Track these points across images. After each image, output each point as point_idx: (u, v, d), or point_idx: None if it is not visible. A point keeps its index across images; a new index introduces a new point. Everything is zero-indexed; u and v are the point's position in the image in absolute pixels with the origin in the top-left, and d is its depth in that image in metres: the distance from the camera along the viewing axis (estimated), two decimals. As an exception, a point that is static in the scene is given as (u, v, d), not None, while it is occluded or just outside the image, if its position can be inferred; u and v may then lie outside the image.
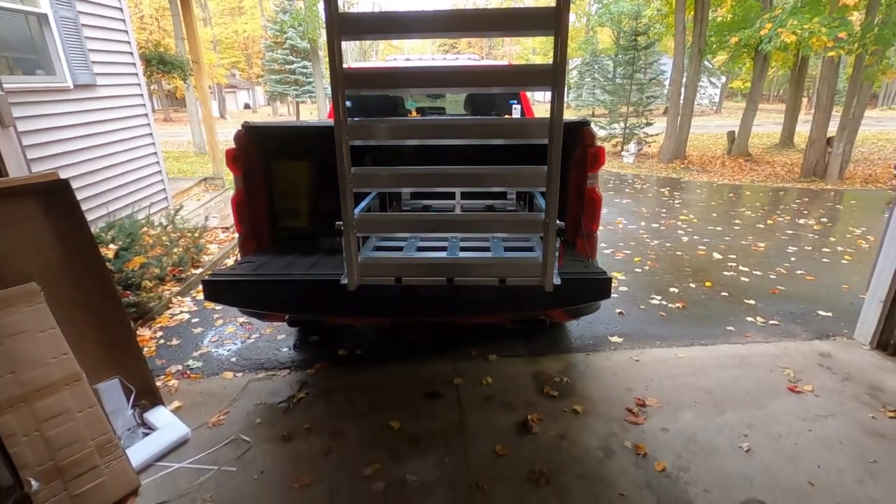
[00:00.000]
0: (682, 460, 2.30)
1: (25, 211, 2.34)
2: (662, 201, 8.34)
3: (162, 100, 30.80)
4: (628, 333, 3.51)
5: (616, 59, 16.10)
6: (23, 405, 2.04)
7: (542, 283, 1.73)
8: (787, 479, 2.18)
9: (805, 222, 6.70)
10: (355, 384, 2.94)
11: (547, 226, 1.63)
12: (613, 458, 2.33)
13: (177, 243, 4.70)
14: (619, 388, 2.87)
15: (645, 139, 14.34)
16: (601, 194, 2.54)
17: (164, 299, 3.99)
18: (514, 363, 3.14)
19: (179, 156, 14.08)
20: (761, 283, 4.43)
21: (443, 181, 1.69)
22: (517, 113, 4.31)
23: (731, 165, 12.50)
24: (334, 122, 1.57)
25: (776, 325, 3.61)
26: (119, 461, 2.18)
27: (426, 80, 1.50)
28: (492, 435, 2.50)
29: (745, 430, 2.48)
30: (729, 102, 36.56)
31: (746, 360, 3.11)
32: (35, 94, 4.38)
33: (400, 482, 2.21)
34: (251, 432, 2.53)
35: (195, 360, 3.23)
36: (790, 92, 16.10)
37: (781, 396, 2.75)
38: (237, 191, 2.65)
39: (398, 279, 1.81)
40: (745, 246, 5.58)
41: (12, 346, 2.10)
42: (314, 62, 22.19)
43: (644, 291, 4.25)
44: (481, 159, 2.43)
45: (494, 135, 1.59)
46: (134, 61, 5.89)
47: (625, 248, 5.55)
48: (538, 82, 1.52)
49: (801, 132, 15.56)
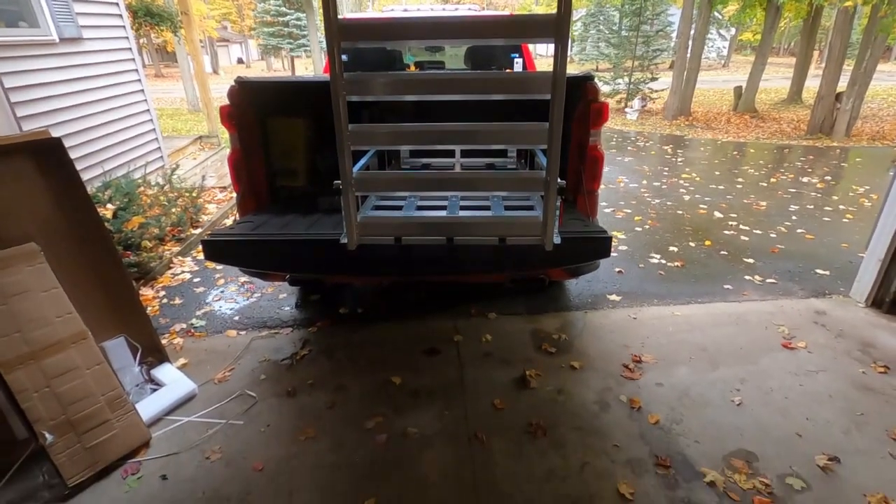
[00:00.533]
0: (675, 413, 2.37)
1: (19, 170, 2.31)
2: (665, 159, 8.22)
3: (152, 55, 29.77)
4: (627, 292, 3.54)
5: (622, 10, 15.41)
6: (31, 362, 2.09)
7: (542, 242, 1.73)
8: (775, 431, 2.25)
9: (808, 180, 6.63)
10: (357, 341, 3.00)
11: (548, 184, 1.60)
12: (609, 412, 2.40)
13: (175, 203, 4.67)
14: (616, 344, 2.92)
15: (649, 95, 13.97)
16: (603, 152, 2.49)
17: (165, 259, 4.00)
18: (512, 321, 3.19)
19: (173, 113, 13.75)
20: (761, 242, 4.43)
21: (442, 138, 1.66)
22: (519, 66, 4.17)
23: (737, 122, 12.24)
24: (329, 76, 1.52)
25: (774, 284, 3.64)
26: (129, 415, 2.25)
27: (424, 31, 1.43)
28: (490, 390, 2.56)
29: (738, 385, 2.55)
30: (737, 56, 35.38)
31: (742, 318, 3.16)
32: (20, 49, 4.22)
33: (401, 434, 2.29)
34: (256, 388, 2.60)
35: (199, 319, 3.28)
36: (801, 45, 15.53)
37: (775, 352, 2.81)
38: (233, 149, 2.60)
39: (398, 238, 1.80)
40: (747, 205, 5.54)
41: (16, 306, 2.12)
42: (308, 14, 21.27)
43: (643, 250, 4.26)
44: (482, 115, 2.37)
45: (495, 90, 1.54)
46: (120, 13, 5.64)
47: (625, 206, 5.52)
48: (540, 34, 1.45)
49: (811, 87, 15.16)
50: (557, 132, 1.51)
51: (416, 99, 1.66)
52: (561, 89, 1.46)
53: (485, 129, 1.63)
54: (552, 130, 1.52)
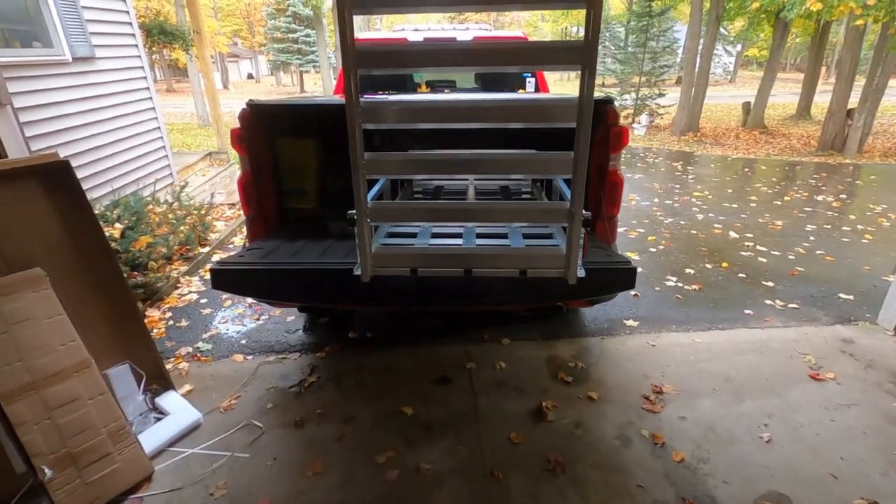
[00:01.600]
0: (701, 450, 2.26)
1: (25, 193, 2.27)
2: (675, 176, 8.14)
3: (164, 70, 30.24)
4: (643, 317, 3.44)
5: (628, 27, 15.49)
6: (32, 393, 2.02)
7: (566, 275, 1.65)
8: (808, 471, 2.13)
9: (823, 199, 6.52)
10: (366, 367, 2.91)
11: (572, 216, 1.53)
12: (630, 447, 2.29)
13: (183, 221, 4.63)
14: (634, 374, 2.82)
15: (657, 110, 13.95)
16: (623, 176, 2.42)
17: (172, 279, 3.95)
18: (526, 347, 3.09)
19: (183, 128, 13.89)
20: (780, 264, 4.32)
21: (462, 167, 1.59)
22: (531, 87, 4.13)
23: (746, 138, 12.17)
24: (346, 104, 1.46)
25: (796, 309, 3.52)
26: (132, 448, 2.17)
27: (445, 58, 1.37)
28: (505, 421, 2.46)
29: (765, 420, 2.43)
30: (744, 71, 35.45)
31: (766, 346, 3.04)
32: (32, 68, 4.24)
33: (414, 470, 2.19)
34: (263, 417, 2.51)
35: (205, 343, 3.21)
36: (809, 61, 15.50)
37: (802, 384, 2.69)
38: (243, 172, 2.55)
39: (414, 270, 1.73)
40: (762, 224, 5.44)
41: (19, 334, 2.06)
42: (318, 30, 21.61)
43: (659, 272, 4.16)
44: (493, 138, 2.30)
45: (518, 118, 1.48)
46: (133, 31, 5.69)
47: (638, 226, 5.43)
48: (567, 61, 1.39)
49: (819, 103, 15.10)
50: (583, 163, 1.44)
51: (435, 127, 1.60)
52: (588, 118, 1.40)
53: (507, 158, 1.57)
54: (577, 161, 1.45)
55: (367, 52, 1.39)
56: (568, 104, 1.43)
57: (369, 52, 1.39)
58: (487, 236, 2.07)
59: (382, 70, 1.44)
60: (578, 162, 1.43)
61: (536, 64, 1.40)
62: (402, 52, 1.42)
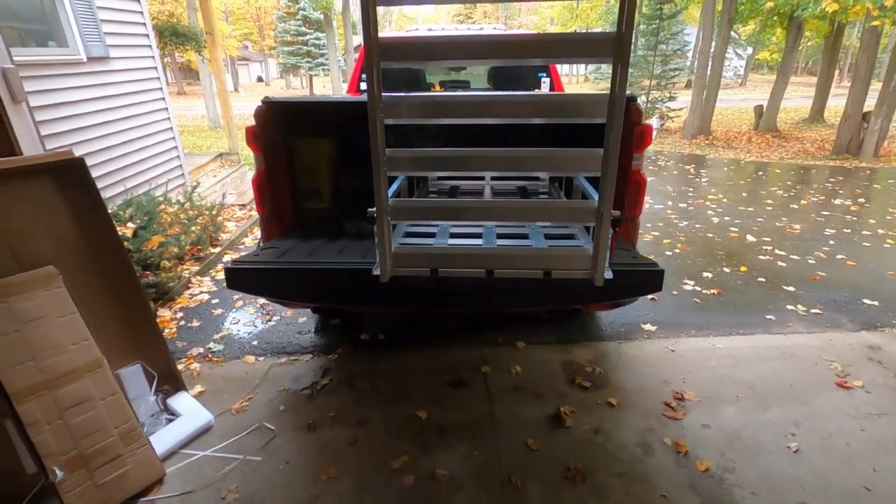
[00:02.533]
0: (726, 460, 2.18)
1: (40, 191, 2.25)
2: (688, 179, 8.04)
3: (175, 72, 30.50)
4: (662, 321, 3.36)
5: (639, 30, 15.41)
6: (44, 393, 1.99)
7: (592, 276, 1.59)
8: (839, 483, 2.05)
9: (841, 203, 6.39)
10: (379, 370, 2.86)
11: (601, 215, 1.47)
12: (653, 456, 2.22)
13: (195, 221, 4.62)
14: (654, 379, 2.74)
15: (667, 114, 13.84)
16: (646, 177, 2.36)
17: (184, 279, 3.93)
18: (542, 351, 3.03)
19: (194, 129, 13.97)
20: (800, 269, 4.22)
21: (487, 164, 1.54)
22: (546, 86, 4.08)
23: (759, 141, 12.02)
24: (368, 98, 1.41)
25: (819, 315, 3.43)
26: (143, 449, 2.13)
27: (473, 50, 1.33)
28: (522, 427, 2.40)
29: (793, 429, 2.35)
30: (754, 75, 35.17)
31: (789, 352, 2.96)
32: (47, 68, 4.25)
33: (429, 476, 2.13)
34: (275, 420, 2.47)
35: (216, 343, 3.18)
36: (822, 64, 15.31)
37: (829, 392, 2.61)
38: (258, 171, 2.51)
39: (434, 270, 1.68)
40: (780, 228, 5.33)
41: (31, 333, 2.03)
42: (328, 33, 21.68)
43: (676, 276, 4.08)
44: (505, 136, 2.25)
45: (547, 112, 1.43)
46: (147, 32, 5.71)
47: (652, 229, 5.35)
48: (599, 53, 1.34)
49: (832, 107, 14.91)
50: (614, 159, 1.38)
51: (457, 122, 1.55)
52: (619, 113, 1.34)
53: (532, 155, 1.52)
54: (608, 156, 1.39)
55: (391, 44, 1.34)
56: (598, 99, 1.38)
57: (393, 44, 1.35)
58: (508, 237, 2.01)
59: (406, 63, 1.39)
60: (609, 159, 1.38)
61: (567, 56, 1.35)
62: (428, 43, 1.38)
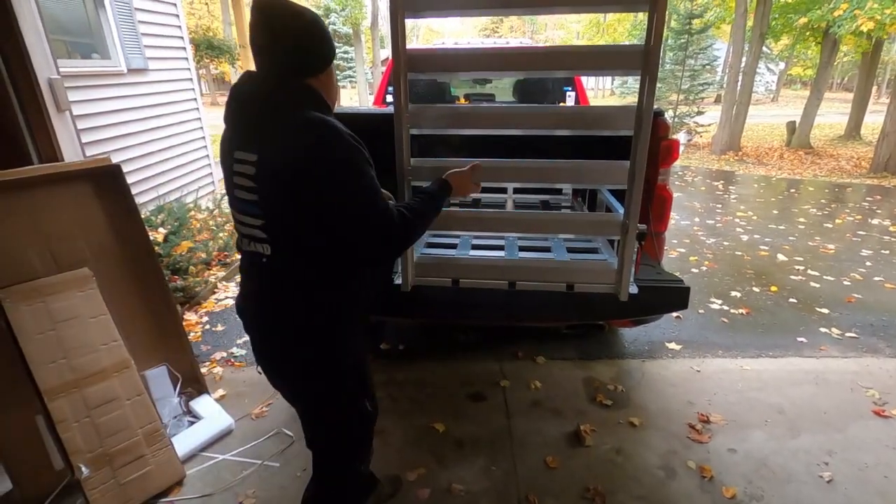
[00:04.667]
0: (754, 487, 2.10)
1: (79, 196, 2.34)
2: (717, 196, 7.87)
3: (209, 83, 31.54)
4: (687, 340, 3.27)
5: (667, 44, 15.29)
6: (74, 391, 2.05)
7: (616, 291, 1.56)
8: (877, 517, 1.95)
9: (879, 223, 6.16)
10: (397, 380, 2.86)
11: (626, 229, 1.45)
12: (676, 480, 2.15)
13: (223, 227, 4.74)
14: (678, 400, 2.67)
15: (695, 129, 13.62)
16: (672, 192, 2.32)
17: (210, 284, 4.02)
18: (562, 367, 2.98)
19: (224, 139, 14.36)
20: (834, 290, 4.07)
21: (512, 174, 1.54)
22: (571, 100, 4.07)
23: (791, 158, 11.70)
24: (394, 108, 1.43)
25: (854, 339, 3.29)
26: (165, 450, 2.17)
27: (500, 61, 1.34)
28: (541, 444, 2.36)
29: (825, 458, 2.25)
30: (786, 90, 34.41)
31: (822, 377, 2.84)
32: (90, 79, 4.46)
33: (445, 490, 2.11)
34: (293, 426, 2.48)
35: (239, 348, 3.23)
36: (859, 79, 14.89)
37: (866, 420, 2.49)
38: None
39: (456, 281, 1.68)
40: (813, 247, 5.16)
41: (64, 332, 2.10)
42: (356, 47, 22.18)
43: (703, 294, 3.97)
44: (522, 147, 2.24)
45: (572, 123, 1.42)
46: (184, 45, 5.94)
47: (678, 245, 5.24)
48: (628, 66, 1.33)
49: (869, 123, 14.44)
50: (640, 172, 1.36)
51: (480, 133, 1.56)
52: (647, 126, 1.33)
53: (557, 167, 1.51)
54: (634, 169, 1.37)
55: (418, 55, 1.36)
56: (626, 111, 1.37)
57: (421, 56, 1.37)
58: (530, 249, 2.00)
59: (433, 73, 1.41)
60: (636, 172, 1.36)
61: (595, 68, 1.35)
62: (455, 54, 1.40)
